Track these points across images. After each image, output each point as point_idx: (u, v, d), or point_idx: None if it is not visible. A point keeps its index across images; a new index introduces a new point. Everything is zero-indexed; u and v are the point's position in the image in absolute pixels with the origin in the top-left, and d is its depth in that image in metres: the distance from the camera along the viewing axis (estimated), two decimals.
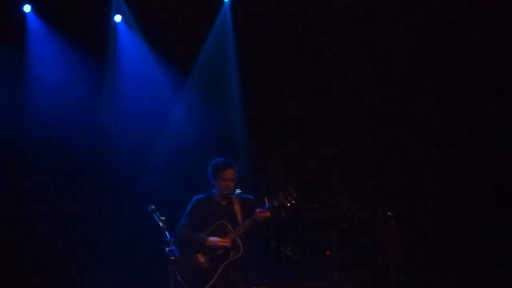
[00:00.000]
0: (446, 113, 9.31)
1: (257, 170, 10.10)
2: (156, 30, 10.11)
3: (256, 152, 10.10)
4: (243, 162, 9.87)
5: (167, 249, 7.24)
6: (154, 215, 7.34)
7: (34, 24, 9.93)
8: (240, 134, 10.02)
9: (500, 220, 8.92)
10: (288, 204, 7.70)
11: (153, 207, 7.37)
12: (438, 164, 9.28)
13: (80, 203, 10.02)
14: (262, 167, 10.18)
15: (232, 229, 7.77)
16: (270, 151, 10.13)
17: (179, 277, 7.72)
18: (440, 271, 9.05)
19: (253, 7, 10.00)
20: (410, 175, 9.33)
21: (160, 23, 10.10)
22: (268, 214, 7.66)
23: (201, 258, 7.77)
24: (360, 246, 9.23)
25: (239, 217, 7.86)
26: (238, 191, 7.98)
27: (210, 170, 7.97)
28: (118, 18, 10.11)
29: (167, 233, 7.26)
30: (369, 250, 9.17)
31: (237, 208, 7.91)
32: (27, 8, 9.88)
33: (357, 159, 9.67)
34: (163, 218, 7.34)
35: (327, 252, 9.17)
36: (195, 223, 7.88)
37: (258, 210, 7.69)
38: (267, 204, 7.70)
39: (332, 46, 9.81)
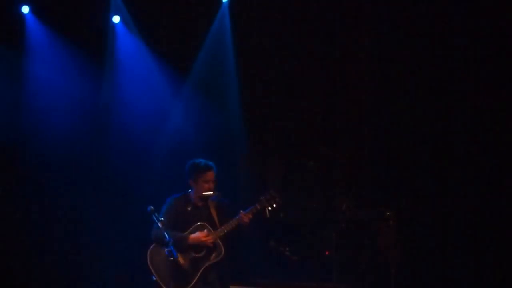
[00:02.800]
0: (445, 113, 9.30)
1: (256, 171, 10.09)
2: (154, 31, 10.11)
3: (255, 152, 10.08)
4: (242, 163, 9.90)
5: (166, 249, 7.25)
6: (153, 216, 7.35)
7: (33, 25, 9.92)
8: (239, 134, 10.01)
9: (500, 219, 8.91)
10: (270, 208, 7.71)
11: (152, 207, 7.39)
12: (437, 164, 9.27)
13: (79, 204, 10.01)
14: (261, 167, 10.16)
15: (212, 231, 7.74)
16: (269, 151, 10.11)
17: (154, 277, 7.67)
18: (440, 271, 9.05)
19: (252, 7, 9.99)
20: (409, 175, 9.32)
21: (158, 23, 10.10)
22: (251, 216, 7.67)
23: (181, 259, 7.68)
24: (359, 247, 9.23)
25: (216, 220, 7.84)
26: (217, 192, 7.95)
27: (189, 170, 7.94)
28: (116, 19, 10.10)
29: (165, 233, 7.25)
30: (368, 250, 9.17)
31: (213, 211, 7.89)
32: (25, 9, 9.88)
33: (356, 159, 9.66)
34: (162, 218, 7.34)
35: (326, 253, 9.16)
36: (170, 223, 7.79)
37: (241, 212, 7.68)
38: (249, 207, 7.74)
39: (332, 46, 9.79)
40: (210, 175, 7.86)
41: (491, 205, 8.98)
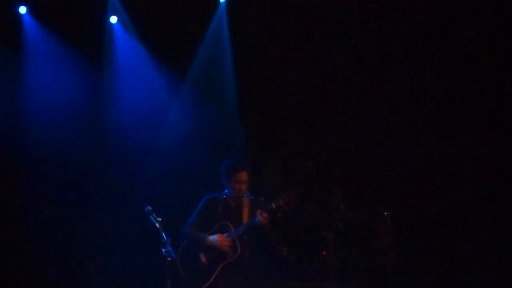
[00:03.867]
0: (443, 112, 9.31)
1: (255, 171, 10.08)
2: (152, 31, 10.11)
3: (253, 152, 10.08)
4: None
5: (163, 250, 7.23)
6: (151, 216, 7.33)
7: (30, 26, 9.92)
8: (237, 134, 10.01)
9: (499, 219, 8.92)
10: (287, 208, 7.64)
11: (150, 208, 7.35)
12: (435, 163, 9.28)
13: (76, 205, 10.01)
14: (260, 167, 10.16)
15: (233, 231, 7.71)
16: (268, 152, 10.11)
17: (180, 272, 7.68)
18: (437, 271, 9.06)
19: (249, 7, 10.00)
20: (407, 175, 9.33)
21: (155, 24, 10.10)
22: (266, 215, 7.63)
23: (202, 257, 7.74)
24: (357, 246, 9.23)
25: (245, 220, 7.77)
26: (249, 194, 7.85)
27: (223, 171, 7.82)
28: (113, 19, 10.11)
29: (163, 234, 7.25)
30: (365, 250, 9.17)
31: (246, 211, 7.78)
32: (22, 9, 9.88)
33: (354, 160, 9.66)
34: (160, 219, 7.32)
35: (323, 253, 9.16)
36: (202, 222, 7.82)
37: (258, 212, 7.62)
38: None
39: (331, 46, 9.80)
40: (242, 175, 7.71)
41: (490, 205, 8.99)
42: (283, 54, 9.93)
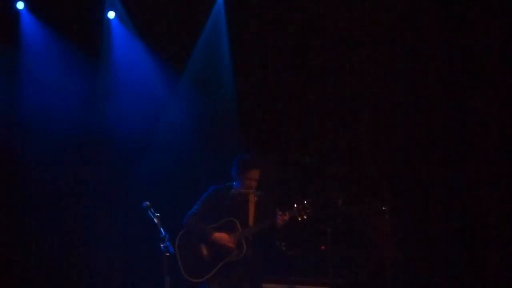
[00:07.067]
0: (441, 107, 9.31)
1: None
2: (150, 27, 10.11)
3: (251, 148, 10.08)
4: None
5: (162, 245, 7.24)
6: (149, 212, 7.35)
7: (28, 21, 9.92)
8: (235, 129, 10.01)
9: (498, 213, 8.92)
10: (299, 219, 7.58)
11: (148, 203, 7.37)
12: (433, 158, 9.28)
13: (74, 201, 10.02)
14: None
15: (240, 229, 7.68)
16: (265, 147, 10.11)
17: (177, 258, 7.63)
18: (435, 266, 9.06)
19: (247, 2, 10.00)
20: (405, 170, 9.33)
21: (154, 19, 10.10)
22: (287, 218, 7.52)
23: (203, 249, 7.72)
24: (355, 241, 9.24)
25: (251, 217, 7.74)
26: (258, 192, 7.84)
27: (236, 164, 7.79)
28: (111, 14, 10.11)
29: (161, 229, 7.26)
30: (364, 245, 9.18)
31: (252, 207, 7.77)
32: (20, 5, 9.88)
33: (351, 154, 9.66)
34: (158, 214, 7.33)
35: (322, 247, 9.16)
36: (206, 213, 7.79)
37: (280, 213, 7.55)
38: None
39: (328, 42, 9.79)
40: (255, 173, 7.69)
41: (489, 199, 8.99)
42: (281, 49, 9.92)
